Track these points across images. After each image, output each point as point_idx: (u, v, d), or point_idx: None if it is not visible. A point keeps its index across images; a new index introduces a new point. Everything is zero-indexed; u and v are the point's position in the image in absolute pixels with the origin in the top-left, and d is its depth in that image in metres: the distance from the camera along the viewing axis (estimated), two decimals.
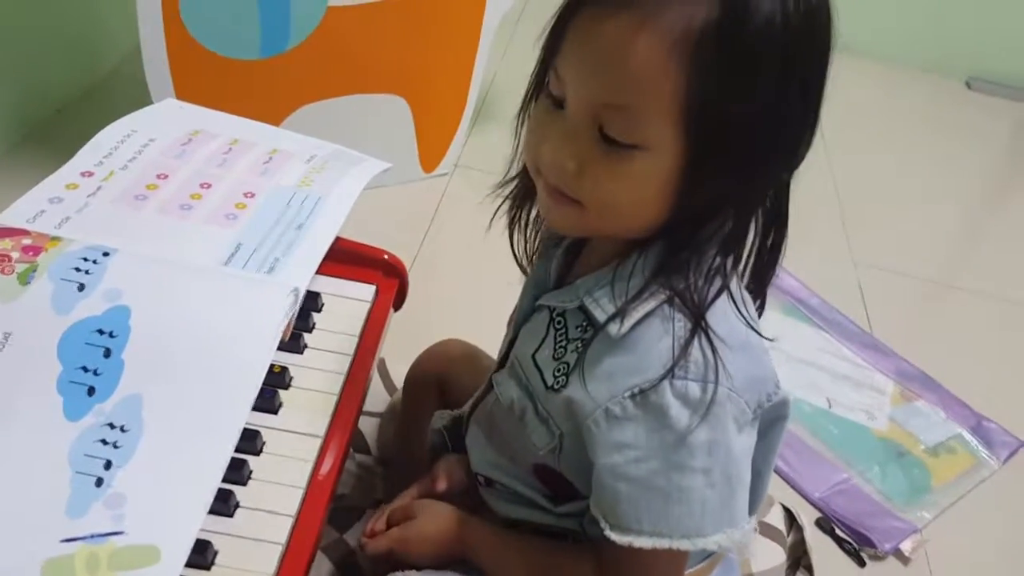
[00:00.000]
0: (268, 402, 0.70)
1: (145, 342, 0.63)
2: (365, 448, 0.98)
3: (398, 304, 0.88)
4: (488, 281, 0.81)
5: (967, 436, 1.27)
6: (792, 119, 0.55)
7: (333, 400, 0.73)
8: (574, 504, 0.69)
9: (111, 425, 0.60)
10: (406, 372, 0.96)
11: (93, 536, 0.55)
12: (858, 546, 1.07)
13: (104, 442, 0.59)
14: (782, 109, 0.54)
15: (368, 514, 0.88)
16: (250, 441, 0.66)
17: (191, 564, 0.57)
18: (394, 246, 0.89)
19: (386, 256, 0.87)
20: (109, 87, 1.59)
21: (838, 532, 1.09)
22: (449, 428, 0.82)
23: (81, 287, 0.65)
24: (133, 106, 0.92)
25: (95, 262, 0.67)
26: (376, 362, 0.80)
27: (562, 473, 0.68)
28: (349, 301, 0.83)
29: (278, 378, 0.72)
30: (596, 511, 0.63)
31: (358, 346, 0.79)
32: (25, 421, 0.59)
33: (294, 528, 0.63)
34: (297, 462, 0.67)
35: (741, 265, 0.62)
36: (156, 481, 0.58)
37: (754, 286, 0.65)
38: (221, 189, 0.82)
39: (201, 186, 0.82)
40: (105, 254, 0.68)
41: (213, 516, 0.60)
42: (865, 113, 2.08)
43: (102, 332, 0.63)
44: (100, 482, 0.57)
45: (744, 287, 0.64)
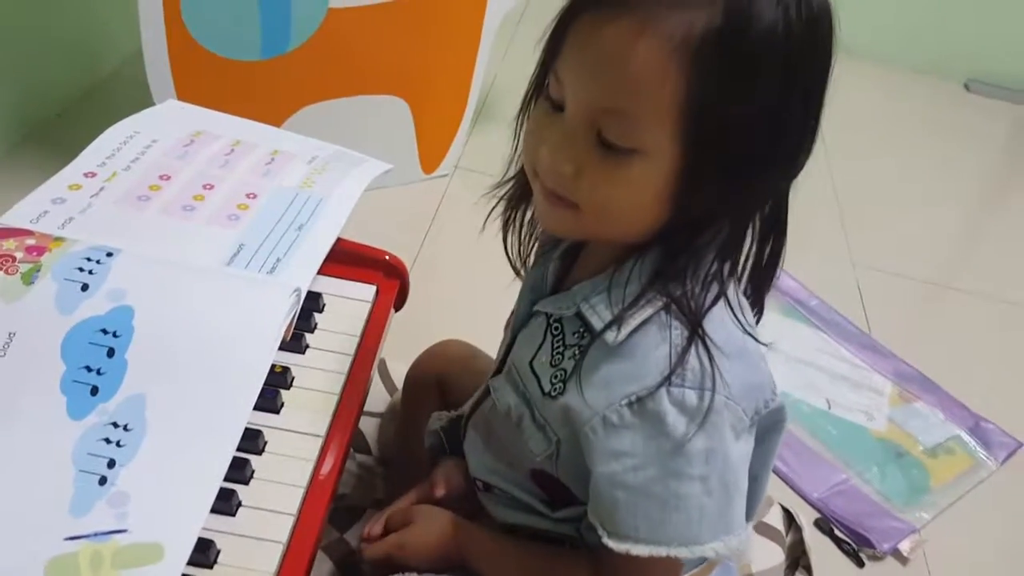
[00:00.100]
0: (270, 402, 0.70)
1: (148, 342, 0.64)
2: (366, 448, 0.98)
3: (399, 305, 0.88)
4: (488, 282, 0.81)
5: (965, 437, 1.27)
6: (792, 127, 0.55)
7: (334, 400, 0.73)
8: (571, 509, 0.69)
9: (114, 424, 0.60)
10: (406, 372, 0.96)
11: (97, 534, 0.55)
12: (857, 546, 1.08)
13: (107, 441, 0.59)
14: (782, 117, 0.54)
15: (368, 514, 0.89)
16: (252, 440, 0.67)
17: (193, 562, 0.57)
18: (395, 247, 0.89)
19: (387, 257, 0.88)
20: (110, 89, 1.59)
21: (837, 532, 1.09)
22: (446, 430, 0.82)
23: (85, 287, 0.66)
24: (134, 108, 0.93)
25: (99, 262, 0.67)
26: (377, 362, 0.80)
27: (559, 479, 0.68)
28: (350, 301, 0.84)
29: (280, 378, 0.73)
30: (594, 518, 0.63)
31: (359, 346, 0.79)
32: (29, 420, 0.60)
33: (295, 527, 0.63)
34: (298, 461, 0.67)
35: (739, 271, 0.61)
36: (159, 480, 0.59)
37: (752, 294, 0.65)
38: (223, 190, 0.83)
39: (203, 187, 0.83)
40: (108, 254, 0.68)
41: (215, 515, 0.61)
42: (864, 114, 2.07)
43: (106, 332, 0.63)
44: (103, 481, 0.58)
45: (742, 293, 0.64)
